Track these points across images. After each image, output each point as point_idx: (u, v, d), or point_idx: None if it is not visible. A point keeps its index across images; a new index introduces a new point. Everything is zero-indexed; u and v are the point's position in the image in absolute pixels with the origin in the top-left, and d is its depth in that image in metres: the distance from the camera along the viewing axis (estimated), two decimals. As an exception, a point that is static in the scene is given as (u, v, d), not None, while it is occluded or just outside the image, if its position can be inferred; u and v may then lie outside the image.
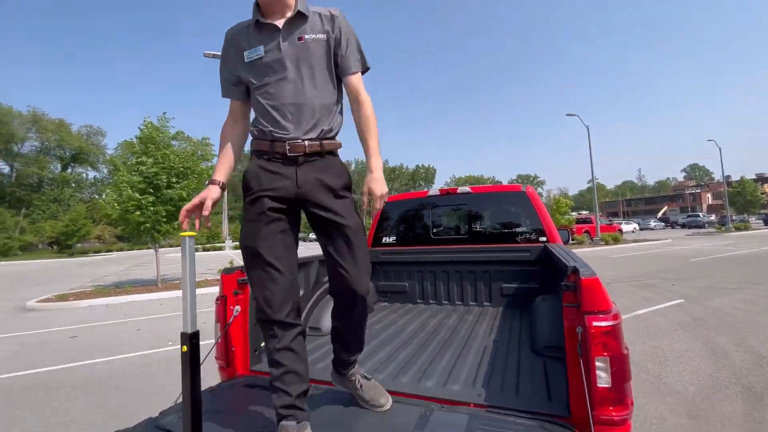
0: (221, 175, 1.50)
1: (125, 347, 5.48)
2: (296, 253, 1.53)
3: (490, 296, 3.45)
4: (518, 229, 3.46)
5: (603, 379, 1.28)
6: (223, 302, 2.00)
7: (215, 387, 1.88)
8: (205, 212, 1.40)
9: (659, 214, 61.22)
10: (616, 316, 1.32)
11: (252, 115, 1.53)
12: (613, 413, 1.29)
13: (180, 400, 1.39)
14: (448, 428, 1.38)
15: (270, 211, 1.42)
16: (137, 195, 10.79)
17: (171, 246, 30.43)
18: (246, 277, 2.02)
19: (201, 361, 1.38)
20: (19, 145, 47.68)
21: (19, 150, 47.76)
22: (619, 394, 1.29)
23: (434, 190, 3.84)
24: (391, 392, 1.72)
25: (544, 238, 3.32)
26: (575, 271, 1.44)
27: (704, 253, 15.33)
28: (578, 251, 18.77)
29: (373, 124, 1.50)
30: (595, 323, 1.28)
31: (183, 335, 1.27)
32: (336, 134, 1.53)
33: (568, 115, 24.71)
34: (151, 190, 11.09)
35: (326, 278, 3.07)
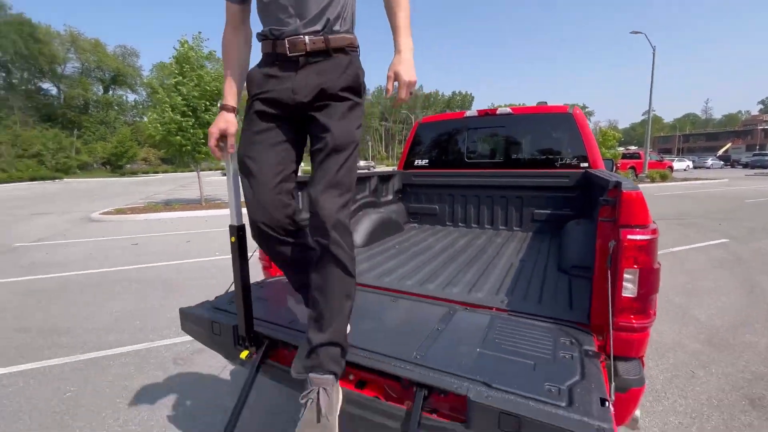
0: (232, 98, 1.34)
1: (180, 254, 6.13)
2: (292, 164, 1.37)
3: (520, 221, 3.45)
4: (559, 154, 3.30)
5: (629, 289, 1.31)
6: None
7: (261, 281, 2.10)
8: (231, 150, 1.34)
9: (720, 152, 55.42)
10: (654, 231, 1.30)
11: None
12: (634, 321, 1.33)
13: (232, 288, 1.58)
14: (470, 324, 1.51)
15: (261, 117, 1.30)
16: (178, 117, 11.07)
17: (210, 169, 31.80)
18: None
19: (249, 255, 1.53)
20: (62, 66, 48.80)
21: (62, 71, 49.01)
22: (643, 304, 1.33)
23: (472, 111, 3.65)
24: (418, 295, 1.86)
25: (586, 164, 3.16)
26: (617, 185, 1.39)
27: (764, 194, 14.10)
28: (620, 188, 17.81)
29: None
30: (629, 236, 1.27)
31: (231, 227, 1.40)
32: (348, 26, 1.31)
33: (632, 33, 21.58)
34: (190, 113, 11.31)
35: (359, 195, 3.17)
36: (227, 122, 1.32)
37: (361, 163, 48.72)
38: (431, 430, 1.15)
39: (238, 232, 1.39)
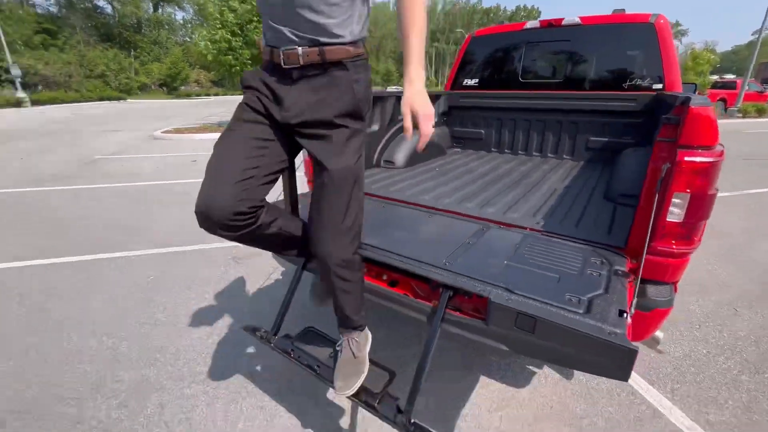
0: None
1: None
2: (272, 165, 1.20)
3: (572, 149, 3.24)
4: (631, 74, 2.93)
5: (675, 214, 1.25)
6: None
7: (307, 193, 2.25)
8: None
9: None
10: (719, 154, 1.20)
11: None
12: (674, 246, 1.30)
13: (280, 197, 1.73)
14: (501, 240, 1.55)
15: (250, 106, 1.17)
16: (229, 36, 10.95)
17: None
18: None
19: (296, 167, 1.63)
20: (113, -19, 48.60)
21: (113, -14, 48.95)
22: (688, 230, 1.28)
23: (533, 21, 3.25)
24: (453, 212, 1.91)
25: (659, 86, 2.80)
26: (684, 101, 1.26)
27: None
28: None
29: (419, 10, 1.05)
30: (687, 158, 1.18)
31: None
32: (352, 37, 1.12)
33: None
34: (239, 32, 11.12)
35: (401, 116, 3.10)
36: None
37: (409, 88, 46.27)
38: (453, 325, 1.28)
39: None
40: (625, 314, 1.05)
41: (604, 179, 2.48)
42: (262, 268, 3.08)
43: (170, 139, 10.60)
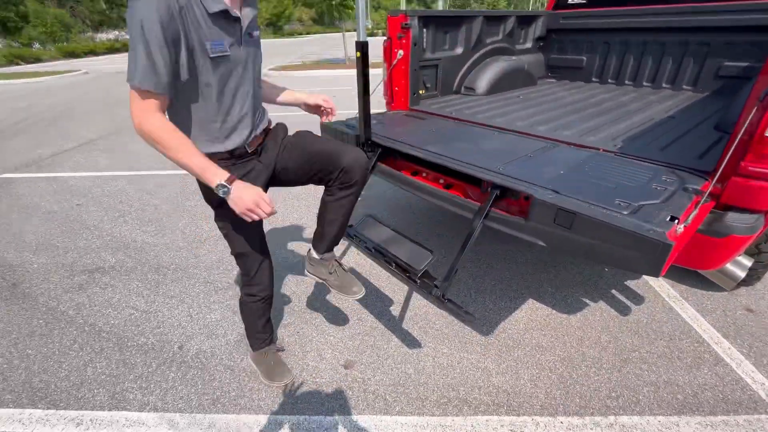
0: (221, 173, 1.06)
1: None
2: None
3: (696, 78, 2.72)
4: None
5: (775, 128, 1.09)
6: (389, 44, 2.27)
7: (383, 112, 2.41)
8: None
9: None
10: None
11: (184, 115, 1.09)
12: (768, 168, 1.15)
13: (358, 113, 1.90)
14: (566, 156, 1.53)
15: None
16: None
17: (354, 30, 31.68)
18: (408, 23, 2.16)
19: (371, 91, 1.75)
20: None
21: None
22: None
23: None
24: (523, 132, 1.88)
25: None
26: None
27: None
28: None
29: None
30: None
31: (356, 43, 1.61)
32: None
33: None
34: None
35: (490, 39, 2.93)
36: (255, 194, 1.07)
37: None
38: (495, 221, 1.37)
39: (362, 48, 1.59)
40: (676, 220, 1.03)
41: (724, 112, 2.11)
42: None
43: (278, 76, 11.50)
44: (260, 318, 1.53)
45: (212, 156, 1.10)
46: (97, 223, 3.02)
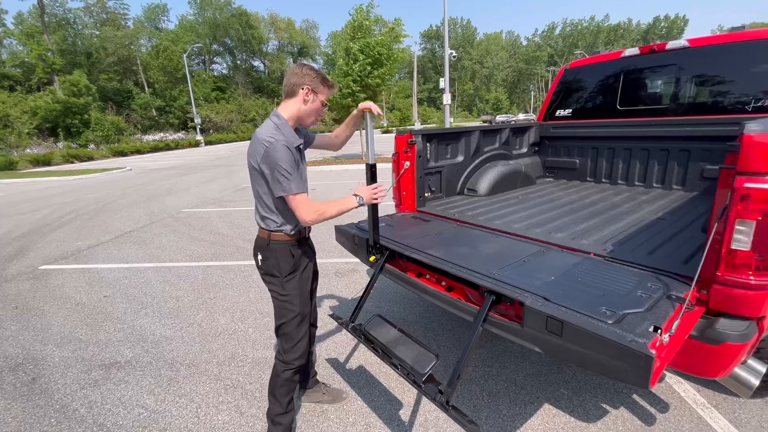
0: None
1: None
2: None
3: (683, 179, 2.93)
4: (751, 95, 2.59)
5: (741, 242, 1.21)
6: (397, 158, 2.60)
7: (392, 215, 2.64)
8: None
9: None
10: None
11: (279, 221, 1.64)
12: (751, 277, 1.24)
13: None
14: (557, 261, 1.64)
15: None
16: (351, 83, 12.72)
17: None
18: (412, 140, 2.52)
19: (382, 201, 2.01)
20: (266, 45, 60.60)
21: (266, 49, 60.93)
22: (762, 261, 1.21)
23: (632, 49, 3.14)
24: (519, 236, 2.03)
25: (794, 107, 2.41)
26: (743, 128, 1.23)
27: None
28: None
29: None
30: (746, 185, 1.16)
31: (366, 165, 1.89)
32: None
33: None
34: (359, 79, 12.85)
35: (487, 147, 3.30)
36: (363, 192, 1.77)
37: (521, 116, 44.83)
38: (494, 326, 1.44)
39: (371, 169, 1.87)
40: (659, 330, 1.08)
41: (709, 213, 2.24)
42: (357, 281, 3.55)
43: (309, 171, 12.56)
44: (286, 389, 1.73)
45: (295, 233, 1.66)
46: (120, 315, 3.16)
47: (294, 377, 1.74)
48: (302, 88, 1.59)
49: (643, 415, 1.91)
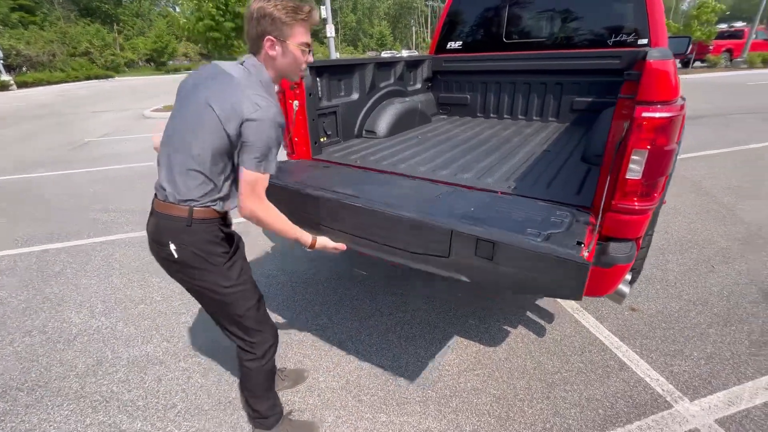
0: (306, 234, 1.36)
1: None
2: None
3: (557, 111, 3.19)
4: (615, 30, 2.83)
5: (634, 171, 1.27)
6: (282, 96, 2.17)
7: (284, 161, 2.26)
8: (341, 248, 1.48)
9: None
10: (679, 108, 1.19)
11: (219, 194, 1.21)
12: (636, 203, 1.32)
13: None
14: (470, 196, 1.58)
15: None
16: (214, 11, 10.52)
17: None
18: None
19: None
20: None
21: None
22: (648, 187, 1.29)
23: (516, -23, 3.10)
24: (427, 179, 1.93)
25: (644, 41, 2.71)
26: (644, 56, 1.24)
27: None
28: (702, 76, 15.14)
29: None
30: (645, 114, 1.18)
31: None
32: None
33: None
34: (224, 7, 10.71)
35: (383, 83, 3.04)
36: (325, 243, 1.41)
37: (404, 52, 44.82)
38: (417, 261, 1.34)
39: None
40: (582, 244, 1.11)
41: (584, 142, 2.47)
42: (259, 244, 3.15)
43: (161, 117, 10.44)
44: (270, 381, 1.47)
45: (225, 211, 1.25)
46: None
47: (274, 363, 1.46)
48: (262, 40, 1.12)
49: (536, 328, 2.16)
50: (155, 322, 2.29)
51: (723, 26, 21.19)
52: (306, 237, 1.32)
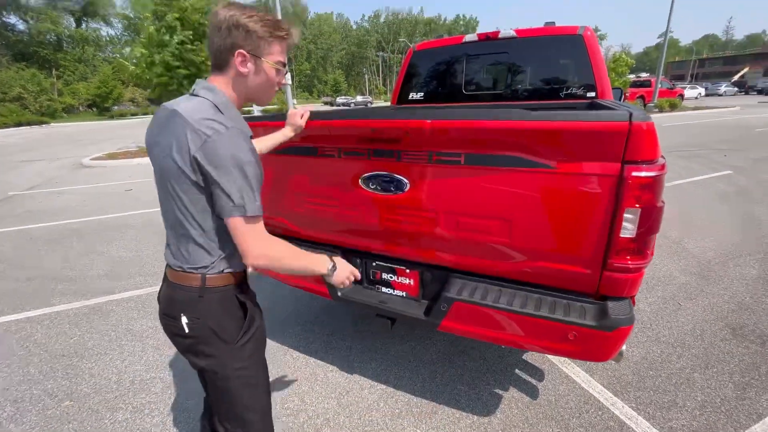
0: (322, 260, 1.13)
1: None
2: None
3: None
4: (565, 83, 3.04)
5: (628, 230, 1.23)
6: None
7: None
8: None
9: (734, 78, 52.29)
10: (661, 167, 1.20)
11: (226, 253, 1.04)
12: (629, 262, 1.28)
13: None
14: None
15: None
16: (170, 58, 10.28)
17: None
18: None
19: None
20: (25, -4, 44.34)
21: (26, 1, 44.61)
22: (640, 245, 1.27)
23: (471, 35, 3.29)
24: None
25: (592, 94, 2.92)
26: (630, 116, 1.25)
27: (775, 122, 13.59)
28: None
29: None
30: (634, 173, 1.16)
31: None
32: None
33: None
34: (178, 53, 10.56)
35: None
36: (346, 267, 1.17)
37: (359, 98, 46.63)
38: None
39: None
40: None
41: None
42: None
43: (102, 166, 9.68)
44: None
45: (240, 272, 1.08)
46: None
47: None
48: (232, 54, 0.96)
49: (527, 389, 2.01)
50: (83, 426, 1.86)
51: (632, 77, 24.54)
52: (324, 263, 1.10)
